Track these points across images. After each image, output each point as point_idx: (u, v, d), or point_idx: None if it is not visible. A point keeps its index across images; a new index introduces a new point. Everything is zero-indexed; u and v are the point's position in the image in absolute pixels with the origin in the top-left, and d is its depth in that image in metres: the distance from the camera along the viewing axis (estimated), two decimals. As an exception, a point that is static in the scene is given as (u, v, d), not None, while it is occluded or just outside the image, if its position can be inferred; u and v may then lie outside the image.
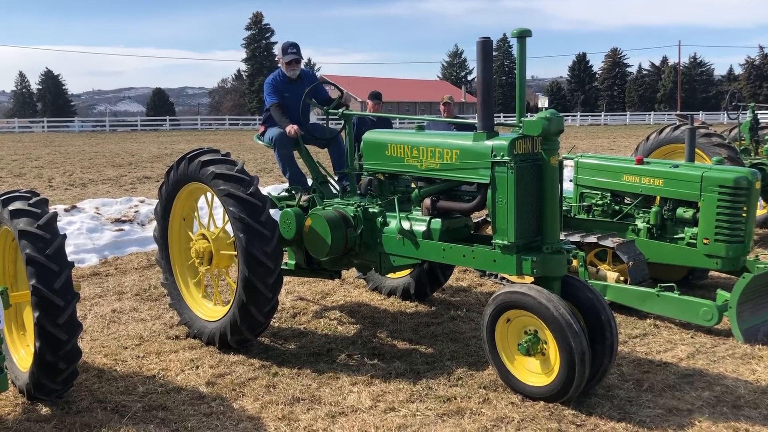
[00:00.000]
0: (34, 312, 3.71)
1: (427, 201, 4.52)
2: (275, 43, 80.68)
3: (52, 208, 4.34)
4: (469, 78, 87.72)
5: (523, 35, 3.85)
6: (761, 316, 5.27)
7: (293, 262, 5.40)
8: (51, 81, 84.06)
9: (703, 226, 5.65)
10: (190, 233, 5.34)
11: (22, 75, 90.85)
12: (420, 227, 4.56)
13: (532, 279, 4.08)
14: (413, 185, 4.81)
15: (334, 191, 5.52)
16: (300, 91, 5.85)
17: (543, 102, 75.79)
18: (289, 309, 6.06)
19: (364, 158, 4.95)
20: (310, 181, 5.77)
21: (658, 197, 6.07)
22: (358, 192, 5.19)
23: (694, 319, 5.20)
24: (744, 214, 5.55)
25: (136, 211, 9.94)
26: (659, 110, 73.12)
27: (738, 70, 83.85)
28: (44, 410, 4.04)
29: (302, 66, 6.17)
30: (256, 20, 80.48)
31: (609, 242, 5.68)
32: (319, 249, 4.91)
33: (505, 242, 4.00)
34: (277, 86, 6.05)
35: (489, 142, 4.08)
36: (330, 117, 5.56)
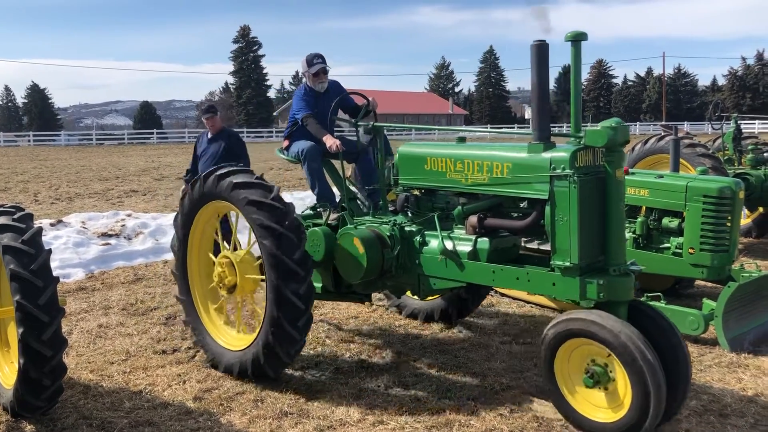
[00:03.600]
0: (18, 328, 3.66)
1: (473, 219, 4.18)
2: (263, 56, 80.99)
3: (37, 223, 4.25)
4: (456, 90, 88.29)
5: (578, 39, 3.60)
6: (747, 325, 5.30)
7: (320, 285, 4.97)
8: (37, 94, 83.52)
9: (689, 235, 5.68)
10: (210, 255, 5.07)
11: (7, 89, 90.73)
12: (465, 247, 4.19)
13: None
14: (454, 201, 4.53)
15: (363, 209, 5.23)
16: (328, 104, 5.54)
17: (527, 113, 76.29)
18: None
19: (400, 173, 4.66)
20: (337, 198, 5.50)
21: (644, 207, 6.12)
22: (391, 209, 4.96)
23: (681, 329, 5.21)
24: (728, 224, 5.59)
25: (123, 225, 9.87)
26: (645, 121, 73.76)
27: (721, 81, 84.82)
28: (28, 427, 3.98)
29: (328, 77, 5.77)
30: (244, 33, 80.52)
31: None
32: (353, 271, 4.58)
33: (567, 264, 3.67)
34: (309, 100, 5.70)
35: (547, 154, 3.74)
36: (358, 128, 5.27)
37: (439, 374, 4.70)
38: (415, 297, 5.74)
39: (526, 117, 71.21)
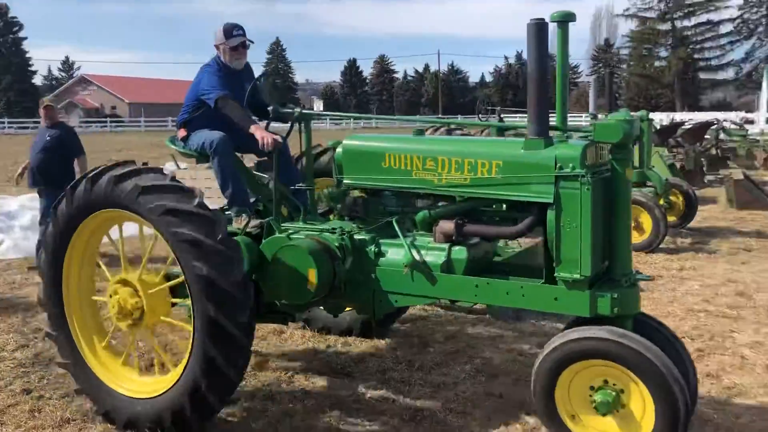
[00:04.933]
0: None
1: (447, 225, 3.53)
2: (25, 38, 72.19)
3: None
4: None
5: (565, 19, 3.19)
6: None
7: None
8: None
9: None
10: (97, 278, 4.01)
11: None
12: (436, 258, 3.56)
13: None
14: (409, 204, 3.84)
15: (293, 214, 4.34)
16: (242, 85, 4.61)
17: (318, 105, 77.03)
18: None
19: (345, 171, 3.85)
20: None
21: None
22: (319, 211, 4.20)
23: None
24: None
25: None
26: (424, 114, 78.14)
27: (489, 78, 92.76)
28: None
29: None
30: (2, 13, 70.91)
31: None
32: (297, 290, 3.69)
33: (576, 276, 3.18)
34: (223, 79, 4.63)
35: (551, 151, 3.25)
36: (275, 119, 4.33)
37: (387, 403, 4.13)
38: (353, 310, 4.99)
39: (315, 109, 71.63)
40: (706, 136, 14.87)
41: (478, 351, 4.95)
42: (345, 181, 3.90)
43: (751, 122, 31.51)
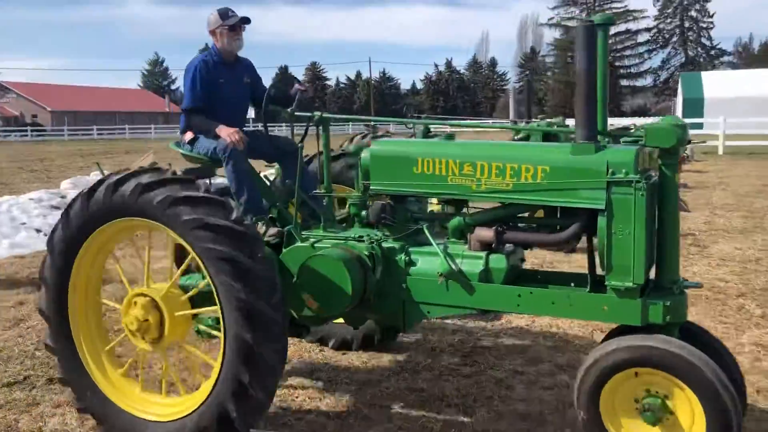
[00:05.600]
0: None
1: (485, 232, 3.39)
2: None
3: None
4: (173, 87, 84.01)
5: (607, 22, 3.14)
6: None
7: None
8: None
9: None
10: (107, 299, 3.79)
11: None
12: (473, 266, 3.38)
13: None
14: (437, 209, 3.74)
15: (311, 221, 4.19)
16: (239, 77, 4.46)
17: (250, 112, 75.81)
18: None
19: (373, 177, 3.67)
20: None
21: None
22: (340, 217, 4.04)
23: None
24: None
25: None
26: (356, 122, 78.35)
27: (420, 85, 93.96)
28: None
29: None
30: None
31: None
32: (327, 303, 3.50)
33: (629, 284, 3.08)
34: (208, 72, 4.48)
35: (602, 156, 3.14)
36: (294, 122, 4.16)
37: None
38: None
39: (248, 116, 70.55)
40: (622, 140, 15.32)
41: (402, 349, 4.94)
42: (372, 187, 3.71)
43: None
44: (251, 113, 5.41)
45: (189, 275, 3.93)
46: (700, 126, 27.86)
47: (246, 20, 4.69)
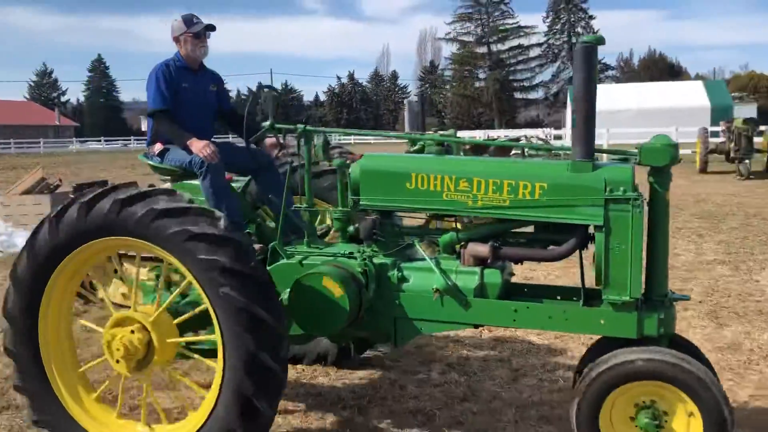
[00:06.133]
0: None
1: (479, 247, 3.47)
2: None
3: None
4: (63, 99, 79.74)
5: (597, 43, 3.23)
6: None
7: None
8: None
9: None
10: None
11: None
12: (468, 281, 3.47)
13: None
14: (431, 225, 3.76)
15: (291, 236, 4.10)
16: (205, 84, 4.41)
17: (143, 125, 73.23)
18: None
19: (363, 192, 3.63)
20: None
21: None
22: (319, 232, 3.97)
23: None
24: None
25: None
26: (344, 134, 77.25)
27: (323, 97, 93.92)
28: None
29: None
30: None
31: None
32: (324, 322, 3.44)
33: (626, 298, 3.19)
34: (171, 75, 4.36)
35: (599, 174, 3.25)
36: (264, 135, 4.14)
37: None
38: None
39: (143, 129, 68.09)
40: (515, 151, 15.79)
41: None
42: (362, 203, 3.68)
43: (560, 137, 34.51)
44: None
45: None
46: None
47: (211, 27, 4.64)
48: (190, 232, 3.12)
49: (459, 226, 3.70)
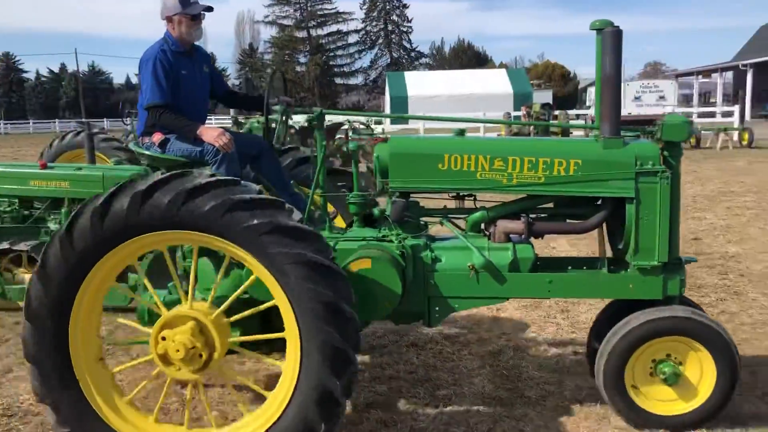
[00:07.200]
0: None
1: (512, 224, 3.66)
2: None
3: None
4: None
5: (605, 28, 3.47)
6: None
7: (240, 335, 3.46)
8: None
9: None
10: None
11: None
12: (503, 257, 3.64)
13: None
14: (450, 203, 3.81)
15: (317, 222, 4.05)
16: (199, 67, 4.19)
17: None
18: None
19: (392, 175, 3.64)
20: None
21: (66, 198, 6.34)
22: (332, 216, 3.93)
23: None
24: None
25: None
26: (64, 118, 70.87)
27: (135, 80, 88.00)
28: None
29: None
30: None
31: (23, 246, 5.76)
32: (377, 306, 3.45)
33: (654, 263, 3.57)
34: (169, 63, 4.08)
35: (630, 150, 3.55)
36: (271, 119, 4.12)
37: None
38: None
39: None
40: (338, 136, 16.21)
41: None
42: (392, 186, 3.71)
43: (380, 123, 36.03)
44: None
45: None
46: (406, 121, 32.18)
47: (209, 9, 4.41)
48: (271, 223, 3.00)
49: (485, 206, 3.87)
